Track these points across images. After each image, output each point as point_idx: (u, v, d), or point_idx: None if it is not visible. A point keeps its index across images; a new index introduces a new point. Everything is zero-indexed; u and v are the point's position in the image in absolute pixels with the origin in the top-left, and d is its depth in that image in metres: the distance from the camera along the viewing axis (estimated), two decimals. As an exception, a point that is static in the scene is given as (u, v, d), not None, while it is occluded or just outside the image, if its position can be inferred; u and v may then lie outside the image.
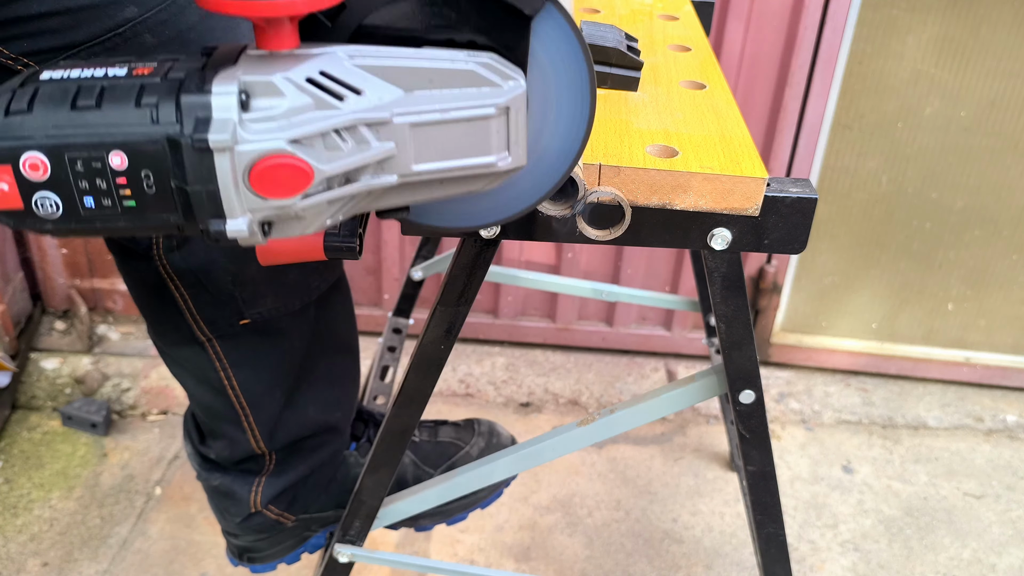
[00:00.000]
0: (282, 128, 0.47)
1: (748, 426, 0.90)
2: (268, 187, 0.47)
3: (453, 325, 0.85)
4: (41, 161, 0.46)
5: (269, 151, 0.47)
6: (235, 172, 0.47)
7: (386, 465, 0.98)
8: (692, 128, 0.78)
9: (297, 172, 0.47)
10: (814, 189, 0.73)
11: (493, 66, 0.51)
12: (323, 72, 0.48)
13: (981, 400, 2.10)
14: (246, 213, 0.48)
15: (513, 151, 0.53)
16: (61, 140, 0.46)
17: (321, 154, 0.48)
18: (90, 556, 1.59)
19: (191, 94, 0.46)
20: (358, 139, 0.49)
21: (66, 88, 0.47)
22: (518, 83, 0.51)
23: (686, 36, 1.01)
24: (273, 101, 0.47)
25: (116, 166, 0.47)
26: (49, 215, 0.48)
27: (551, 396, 2.03)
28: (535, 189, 0.61)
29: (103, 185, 0.47)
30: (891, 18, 1.73)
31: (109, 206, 0.48)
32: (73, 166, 0.47)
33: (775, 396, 2.06)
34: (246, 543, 1.17)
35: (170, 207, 0.48)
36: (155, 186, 0.47)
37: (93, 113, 0.46)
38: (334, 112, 0.48)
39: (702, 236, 0.74)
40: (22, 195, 0.47)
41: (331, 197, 0.49)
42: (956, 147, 1.86)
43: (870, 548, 1.70)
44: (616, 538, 1.68)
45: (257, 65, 0.48)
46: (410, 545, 1.64)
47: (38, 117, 0.46)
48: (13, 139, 0.46)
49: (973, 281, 2.02)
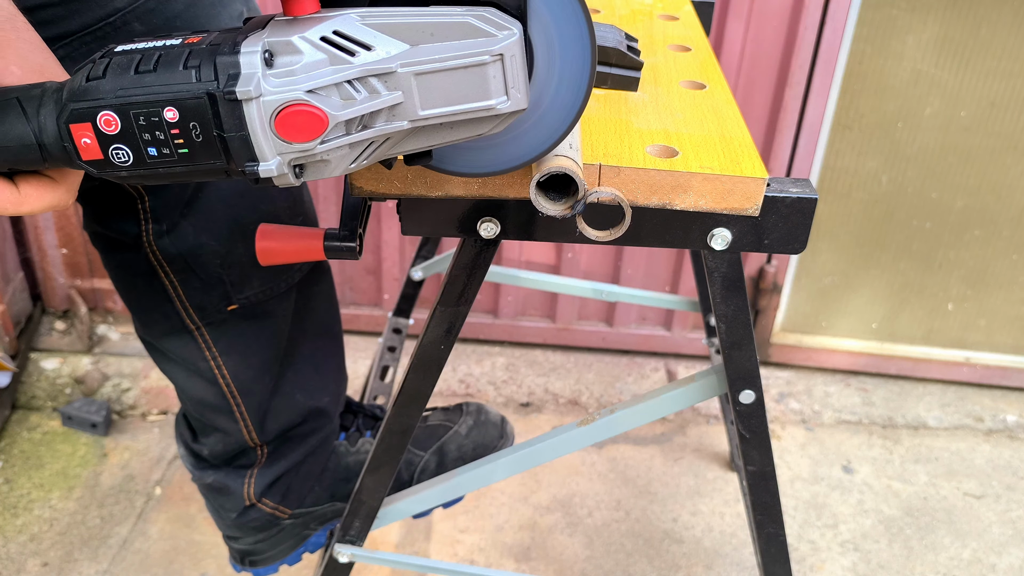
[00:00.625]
0: (300, 81, 0.54)
1: (748, 426, 0.90)
2: (290, 132, 0.54)
3: (453, 325, 0.85)
4: (113, 118, 0.55)
5: (289, 100, 0.54)
6: (262, 120, 0.54)
7: (386, 465, 0.98)
8: (692, 128, 0.78)
9: (313, 118, 0.54)
10: (814, 189, 0.73)
11: (489, 18, 0.56)
12: (336, 31, 0.55)
13: (981, 400, 2.10)
14: (276, 156, 0.56)
15: (512, 95, 0.57)
16: (126, 99, 0.55)
17: (336, 103, 0.55)
18: (90, 556, 1.59)
19: (224, 55, 0.54)
20: (369, 89, 0.55)
21: (132, 57, 0.55)
22: (512, 32, 0.56)
23: (686, 36, 1.01)
24: (293, 58, 0.54)
25: (170, 119, 0.55)
26: (123, 163, 0.57)
27: (551, 396, 2.03)
28: (546, 138, 0.66)
29: (161, 136, 0.55)
30: (891, 18, 1.73)
31: (167, 154, 0.56)
32: (137, 121, 0.55)
33: (775, 396, 2.06)
34: (246, 545, 1.18)
35: (216, 153, 0.56)
36: (202, 135, 0.55)
37: (151, 76, 0.54)
38: (346, 66, 0.55)
39: (702, 236, 0.74)
40: (101, 147, 0.56)
41: (351, 141, 0.56)
42: (956, 147, 1.86)
43: (870, 548, 1.70)
44: (616, 538, 1.68)
45: (281, 28, 0.55)
46: (410, 545, 1.64)
47: (109, 81, 0.55)
48: (91, 100, 0.55)
49: (973, 281, 2.02)
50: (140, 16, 0.80)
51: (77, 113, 0.55)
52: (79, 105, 0.55)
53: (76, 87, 0.56)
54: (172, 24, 0.82)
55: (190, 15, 0.84)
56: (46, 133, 0.56)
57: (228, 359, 1.01)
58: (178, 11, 0.83)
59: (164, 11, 0.82)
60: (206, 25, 0.85)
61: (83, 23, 0.78)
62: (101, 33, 0.78)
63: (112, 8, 0.79)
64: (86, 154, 0.56)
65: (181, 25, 0.83)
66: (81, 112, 0.55)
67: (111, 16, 0.79)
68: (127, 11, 0.79)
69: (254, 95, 0.53)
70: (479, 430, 1.21)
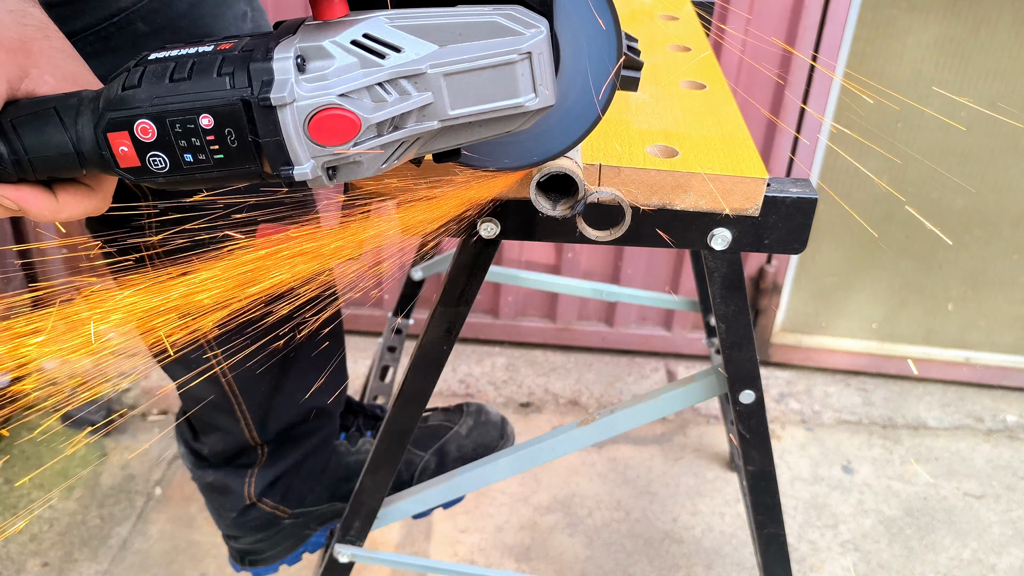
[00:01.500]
0: (333, 85, 0.55)
1: (748, 426, 0.90)
2: (324, 135, 0.55)
3: (453, 325, 0.85)
4: (149, 126, 0.56)
5: (322, 105, 0.55)
6: (296, 124, 0.55)
7: (386, 465, 0.98)
8: (692, 128, 0.78)
9: (346, 122, 0.55)
10: (814, 189, 0.73)
11: (516, 16, 0.56)
12: (366, 34, 0.55)
13: (981, 400, 2.10)
14: (310, 159, 0.56)
15: (540, 92, 0.58)
16: (162, 108, 0.55)
17: (368, 105, 0.55)
18: (90, 556, 1.59)
19: (258, 62, 0.55)
20: (400, 90, 0.56)
21: (166, 65, 0.56)
22: (539, 30, 0.56)
23: (686, 36, 1.01)
24: (325, 63, 0.55)
25: (205, 126, 0.55)
26: (160, 170, 0.57)
27: (551, 396, 2.03)
28: (575, 129, 0.66)
29: (197, 143, 0.56)
30: (891, 18, 1.73)
31: (203, 160, 0.57)
32: (173, 128, 0.56)
33: (775, 396, 2.06)
34: (246, 545, 1.17)
35: (251, 158, 0.56)
36: (237, 141, 0.56)
37: (185, 84, 0.55)
38: (377, 68, 0.55)
39: (702, 236, 0.74)
40: (138, 155, 0.57)
41: (383, 142, 0.57)
42: (956, 147, 1.86)
43: (870, 548, 1.70)
44: (616, 538, 1.68)
45: (312, 33, 0.56)
46: (410, 545, 1.64)
47: (145, 90, 0.56)
48: (127, 109, 0.56)
49: (973, 281, 2.02)
50: (144, 16, 0.80)
51: (114, 122, 0.56)
52: (116, 114, 0.56)
53: (112, 96, 0.56)
54: (176, 24, 0.82)
55: (194, 15, 0.84)
56: (84, 142, 0.57)
57: (230, 358, 1.01)
58: (182, 11, 0.83)
59: (168, 11, 0.82)
60: (210, 25, 0.85)
61: (87, 23, 0.78)
62: (105, 33, 0.79)
63: (116, 8, 0.79)
64: (124, 162, 0.57)
65: (185, 25, 0.83)
66: (118, 121, 0.56)
67: (115, 16, 0.79)
68: (131, 11, 0.79)
69: (288, 101, 0.54)
70: (479, 430, 1.21)
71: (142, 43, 0.81)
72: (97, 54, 0.80)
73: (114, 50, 0.80)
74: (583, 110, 0.64)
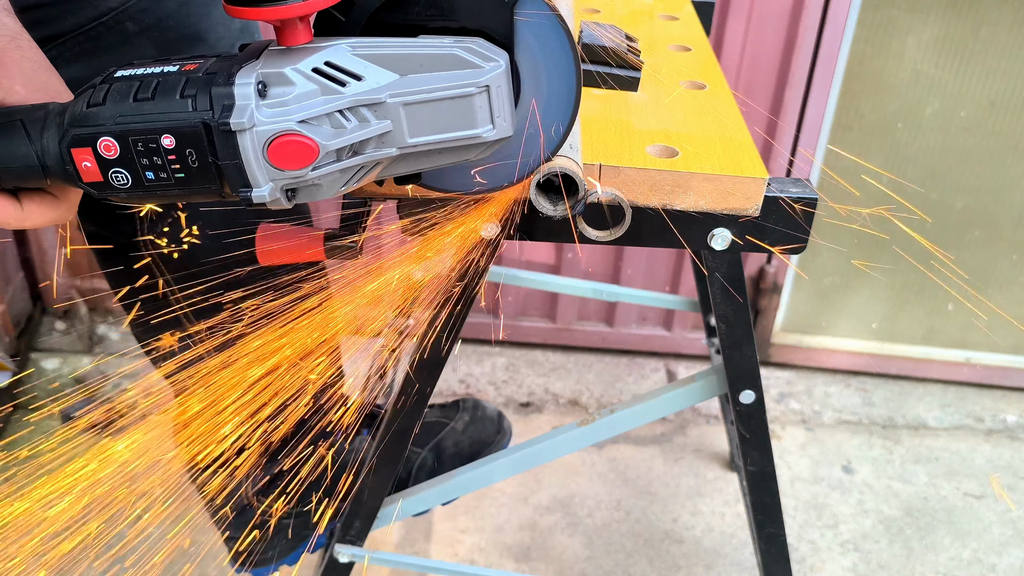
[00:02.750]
0: (293, 111, 0.56)
1: (748, 426, 0.90)
2: (283, 160, 0.56)
3: (453, 326, 0.85)
4: (112, 144, 0.57)
5: (282, 131, 0.55)
6: (255, 149, 0.56)
7: (386, 465, 0.98)
8: (692, 128, 0.78)
9: (305, 148, 0.56)
10: (814, 189, 0.73)
11: (476, 50, 0.57)
12: (328, 62, 0.56)
13: (981, 400, 2.09)
14: (268, 182, 0.57)
15: (497, 123, 0.59)
16: (125, 126, 0.56)
17: (327, 132, 0.56)
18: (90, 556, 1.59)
19: (220, 86, 0.55)
20: (359, 118, 0.57)
21: (131, 84, 0.57)
22: (498, 64, 0.57)
23: (686, 36, 1.01)
24: (286, 89, 0.56)
25: (167, 146, 0.56)
26: (122, 186, 0.58)
27: (551, 396, 2.03)
28: (534, 160, 0.67)
29: (158, 161, 0.57)
30: (891, 18, 1.73)
31: (165, 178, 0.58)
32: (135, 146, 0.57)
33: (775, 396, 2.06)
34: (246, 545, 1.17)
35: (211, 179, 0.57)
36: (197, 161, 0.56)
37: (149, 104, 0.56)
38: (337, 96, 0.56)
39: (702, 236, 0.74)
40: (101, 171, 0.58)
41: (341, 167, 0.58)
42: (956, 147, 1.86)
43: (870, 548, 1.70)
44: (616, 538, 1.68)
45: (275, 59, 0.57)
46: (410, 545, 1.64)
47: (109, 108, 0.57)
48: (91, 126, 0.57)
49: (973, 281, 2.02)
50: (133, 16, 0.80)
51: (78, 138, 0.57)
52: (80, 131, 0.57)
53: (77, 112, 0.57)
54: (165, 23, 0.82)
55: (182, 14, 0.84)
56: (49, 155, 0.58)
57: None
58: (170, 11, 0.83)
59: (156, 11, 0.82)
60: (198, 24, 0.86)
61: (76, 23, 0.78)
62: (94, 33, 0.79)
63: (105, 8, 0.79)
64: (87, 176, 0.58)
65: (174, 24, 0.83)
66: (82, 137, 0.57)
67: (104, 16, 0.79)
68: (119, 11, 0.80)
69: (247, 126, 0.55)
70: (476, 426, 1.21)
71: (131, 42, 0.82)
72: (86, 54, 0.80)
73: (104, 50, 0.81)
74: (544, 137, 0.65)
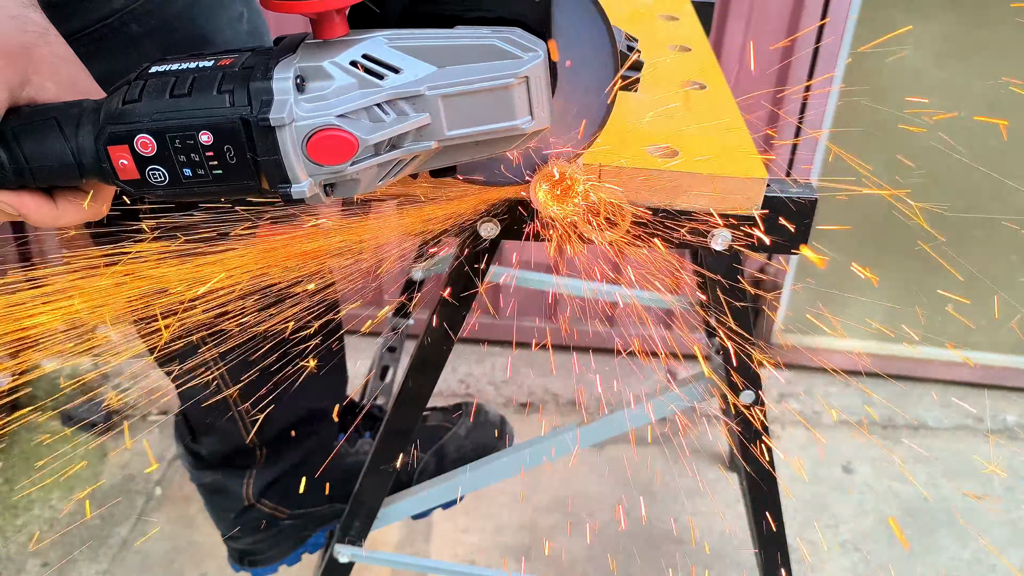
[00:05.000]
0: (331, 106, 0.55)
1: (748, 426, 0.90)
2: (322, 155, 0.56)
3: (453, 325, 0.85)
4: (149, 141, 0.56)
5: (321, 125, 0.55)
6: (294, 144, 0.55)
7: (386, 465, 0.98)
8: (692, 128, 0.78)
9: (344, 142, 0.55)
10: (814, 189, 0.73)
11: (514, 40, 0.56)
12: (365, 55, 0.56)
13: (981, 400, 2.09)
14: (307, 178, 0.56)
15: (536, 114, 0.58)
16: (162, 123, 0.56)
17: (366, 126, 0.56)
18: (90, 556, 1.59)
19: (257, 81, 0.55)
20: (398, 111, 0.57)
21: (166, 80, 0.56)
22: (537, 54, 0.56)
23: (686, 36, 1.01)
24: (324, 83, 0.55)
25: (205, 142, 0.56)
26: (159, 183, 0.58)
27: (551, 396, 2.03)
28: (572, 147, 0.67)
29: (196, 158, 0.56)
30: (891, 18, 1.73)
31: (202, 174, 0.57)
32: (173, 143, 0.56)
33: (775, 396, 2.06)
34: (246, 545, 1.17)
35: (249, 174, 0.57)
36: (236, 157, 0.56)
37: (186, 100, 0.55)
38: (375, 89, 0.56)
39: (702, 236, 0.74)
40: (138, 168, 0.57)
41: (380, 161, 0.57)
42: (956, 147, 1.85)
43: (870, 548, 1.70)
44: (616, 538, 1.68)
45: (312, 53, 0.56)
46: (410, 545, 1.64)
47: (145, 105, 0.56)
48: (128, 123, 0.56)
49: (973, 281, 2.02)
50: (138, 17, 0.80)
51: (115, 135, 0.56)
52: (116, 128, 0.56)
53: (113, 109, 0.57)
54: (171, 25, 0.82)
55: (189, 16, 0.83)
56: (84, 153, 0.57)
57: (228, 359, 1.01)
58: (177, 12, 0.82)
59: (162, 12, 0.81)
60: (205, 26, 0.85)
61: (81, 24, 0.78)
62: (98, 34, 0.78)
63: (109, 9, 0.79)
64: (123, 174, 0.58)
65: (180, 26, 0.82)
66: (119, 134, 0.56)
67: (108, 17, 0.79)
68: (124, 12, 0.79)
69: (287, 121, 0.55)
70: (478, 431, 1.21)
71: (136, 44, 0.81)
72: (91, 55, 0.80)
73: (109, 51, 0.80)
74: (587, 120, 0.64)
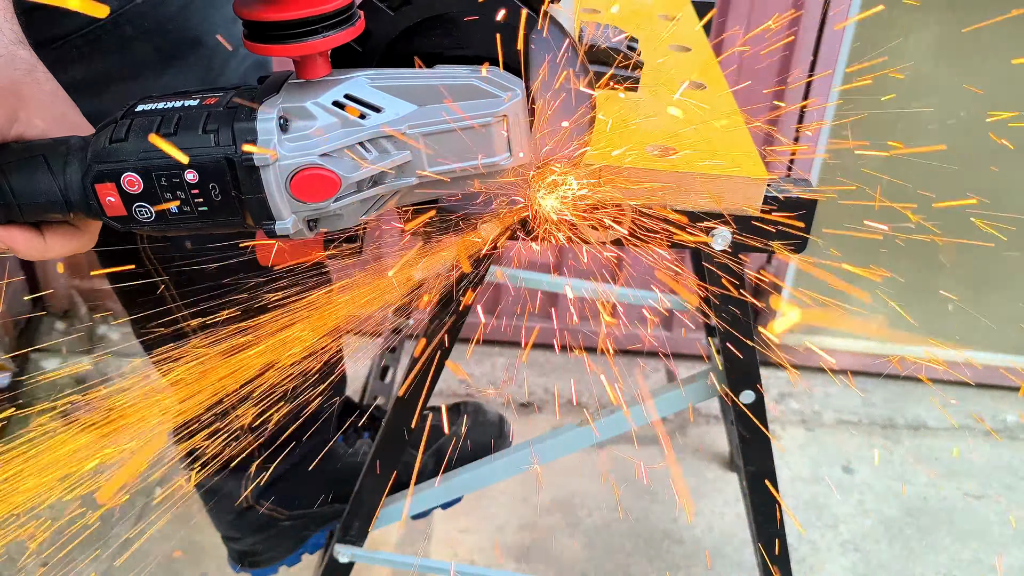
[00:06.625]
0: (314, 145, 0.56)
1: (748, 426, 0.90)
2: (306, 193, 0.57)
3: (453, 326, 0.85)
4: (136, 179, 0.57)
5: (304, 165, 0.56)
6: (278, 183, 0.57)
7: (386, 465, 0.98)
8: (692, 128, 0.78)
9: (327, 181, 0.57)
10: (814, 189, 0.73)
11: (493, 79, 0.58)
12: (348, 95, 0.57)
13: (981, 400, 2.09)
14: (291, 214, 0.58)
15: (515, 151, 0.59)
16: (148, 162, 0.57)
17: (348, 164, 0.57)
18: (90, 556, 1.59)
19: (241, 121, 0.56)
20: (380, 149, 0.58)
21: (152, 119, 0.58)
22: (515, 93, 0.58)
23: (686, 36, 1.01)
24: (307, 123, 0.57)
25: (190, 180, 0.57)
26: (146, 219, 0.59)
27: (551, 396, 2.03)
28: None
29: (182, 195, 0.58)
30: (891, 18, 1.73)
31: (188, 211, 0.58)
32: (159, 181, 0.57)
33: (775, 396, 2.06)
34: (245, 546, 1.17)
35: (234, 211, 0.58)
36: (221, 195, 0.57)
37: (171, 139, 0.56)
38: (357, 128, 0.57)
39: (702, 236, 0.74)
40: (124, 205, 0.58)
41: (362, 197, 0.59)
42: (956, 147, 1.85)
43: (870, 548, 1.70)
44: (616, 538, 1.68)
45: (295, 93, 0.57)
46: (410, 545, 1.64)
47: (131, 143, 0.57)
48: (115, 162, 0.57)
49: (973, 281, 2.02)
50: (131, 19, 0.80)
51: (102, 174, 0.58)
52: (103, 166, 0.57)
53: (100, 148, 0.58)
54: (164, 27, 0.82)
55: (181, 18, 0.84)
56: (72, 191, 0.58)
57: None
58: (169, 15, 0.83)
59: (155, 14, 0.82)
60: (198, 28, 0.85)
61: (76, 25, 0.78)
62: (93, 36, 0.79)
63: None
64: (111, 211, 0.59)
65: (172, 28, 0.83)
66: (106, 173, 0.58)
67: (103, 19, 0.79)
68: (118, 14, 0.80)
69: (271, 161, 0.56)
70: (477, 430, 1.21)
71: (130, 46, 0.82)
72: (85, 57, 0.80)
73: (103, 52, 0.81)
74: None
